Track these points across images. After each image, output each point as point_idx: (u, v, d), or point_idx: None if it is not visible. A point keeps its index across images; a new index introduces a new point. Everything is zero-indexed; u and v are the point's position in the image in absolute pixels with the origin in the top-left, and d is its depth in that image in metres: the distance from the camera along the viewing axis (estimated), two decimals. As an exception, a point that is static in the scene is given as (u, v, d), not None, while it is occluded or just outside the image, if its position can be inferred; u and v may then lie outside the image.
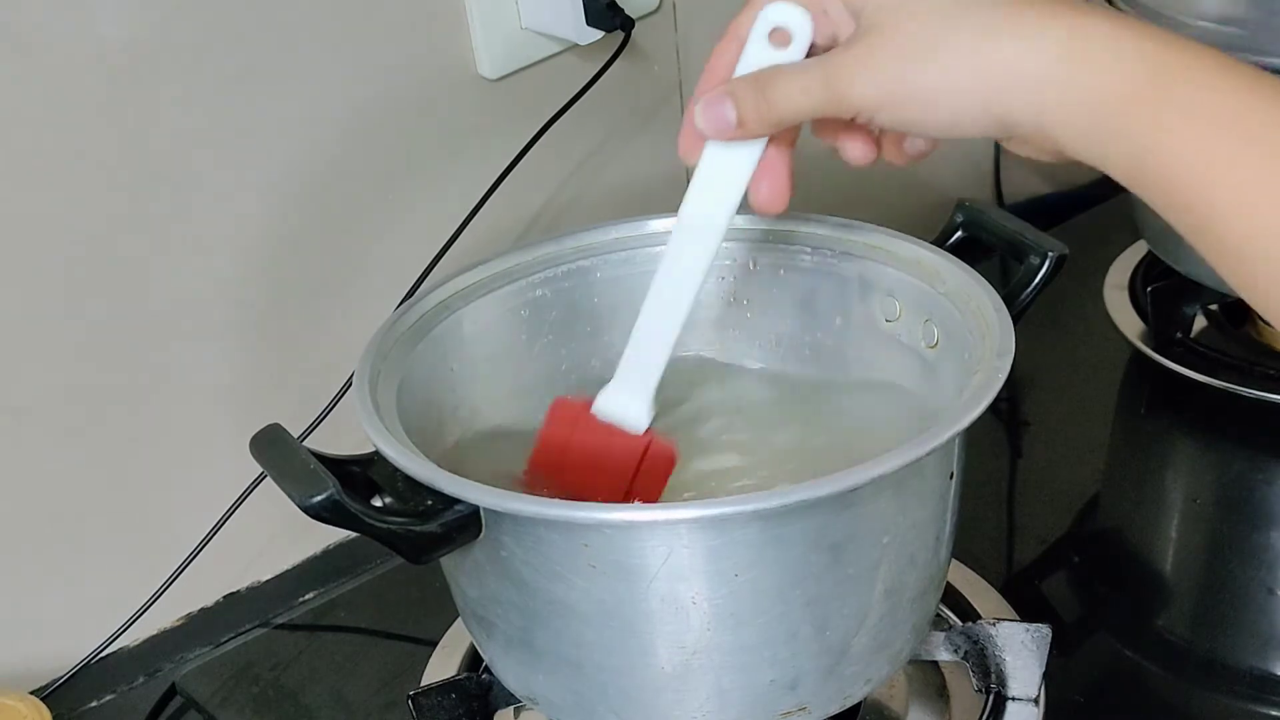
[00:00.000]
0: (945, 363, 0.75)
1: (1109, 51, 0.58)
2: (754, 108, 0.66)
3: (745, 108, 0.66)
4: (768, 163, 0.69)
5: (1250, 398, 1.00)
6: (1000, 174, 1.26)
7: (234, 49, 0.86)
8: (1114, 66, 0.58)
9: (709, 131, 0.67)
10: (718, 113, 0.66)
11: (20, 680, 0.87)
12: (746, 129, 0.66)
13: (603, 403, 0.73)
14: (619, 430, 0.73)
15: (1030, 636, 0.78)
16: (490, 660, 0.75)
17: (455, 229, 0.91)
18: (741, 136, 0.67)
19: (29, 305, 0.84)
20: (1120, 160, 0.59)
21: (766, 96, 0.65)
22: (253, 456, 0.67)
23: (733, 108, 0.66)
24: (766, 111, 0.65)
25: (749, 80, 0.66)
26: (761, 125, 0.66)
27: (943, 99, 0.61)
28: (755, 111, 0.66)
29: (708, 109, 0.67)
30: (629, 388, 0.73)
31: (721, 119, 0.66)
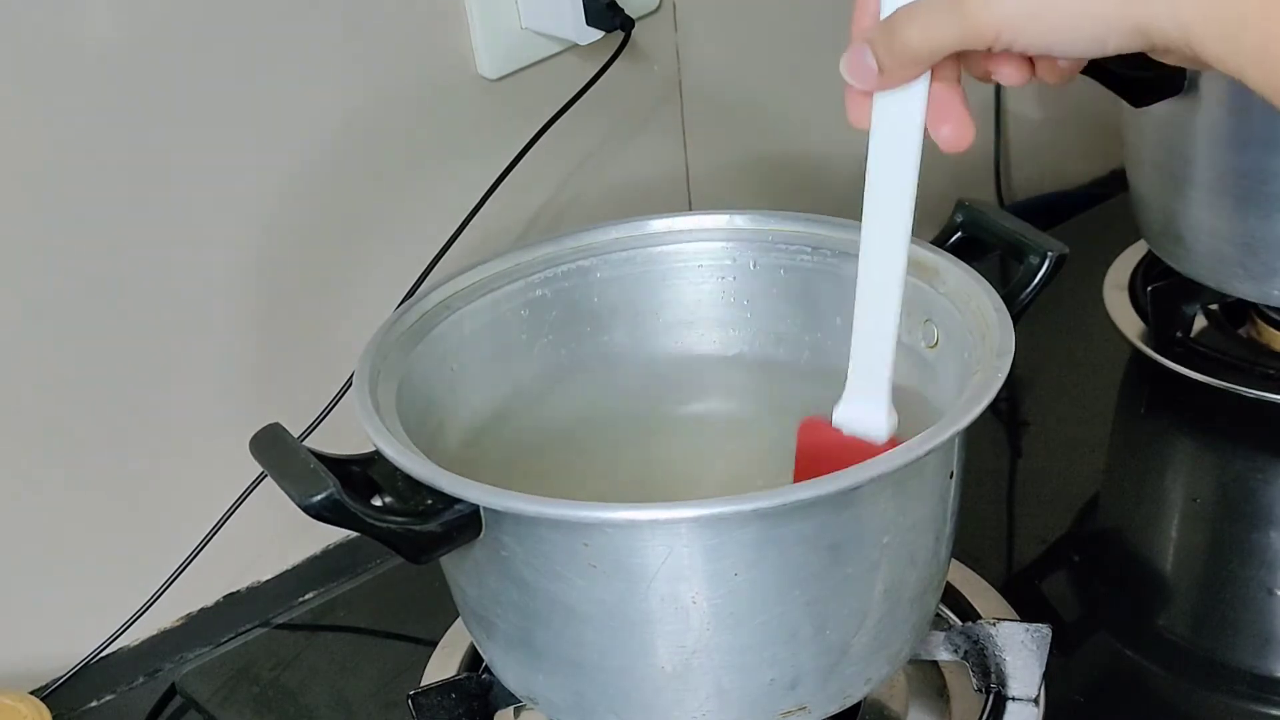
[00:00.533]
0: (945, 363, 0.75)
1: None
2: (889, 52, 0.64)
3: (882, 53, 0.64)
4: (940, 102, 0.66)
5: (1250, 398, 1.00)
6: (1000, 174, 1.26)
7: (234, 49, 0.86)
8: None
9: (858, 83, 0.65)
10: (858, 63, 0.65)
11: (20, 680, 0.87)
12: (890, 75, 0.65)
13: (842, 416, 0.72)
14: (865, 442, 0.72)
15: (1030, 636, 0.78)
16: (490, 660, 0.75)
17: (455, 229, 0.91)
18: (889, 84, 0.65)
19: (29, 305, 0.84)
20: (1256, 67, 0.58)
21: (899, 38, 0.63)
22: (253, 456, 0.67)
23: (871, 56, 0.64)
24: (903, 53, 0.64)
25: (883, 25, 0.64)
26: (903, 69, 0.64)
27: (1085, 14, 0.60)
28: (892, 56, 0.64)
29: (849, 61, 0.65)
30: (863, 394, 0.71)
31: (864, 69, 0.65)
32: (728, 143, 1.09)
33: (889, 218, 0.68)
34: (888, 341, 0.70)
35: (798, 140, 1.13)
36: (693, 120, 1.07)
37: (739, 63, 1.09)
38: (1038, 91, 1.25)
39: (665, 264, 0.83)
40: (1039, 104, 1.27)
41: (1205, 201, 1.00)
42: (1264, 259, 0.99)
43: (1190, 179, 1.00)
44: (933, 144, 0.68)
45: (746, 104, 1.10)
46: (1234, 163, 0.98)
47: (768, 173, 1.12)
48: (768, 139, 1.12)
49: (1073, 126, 1.28)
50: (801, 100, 1.11)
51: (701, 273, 0.83)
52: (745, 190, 1.11)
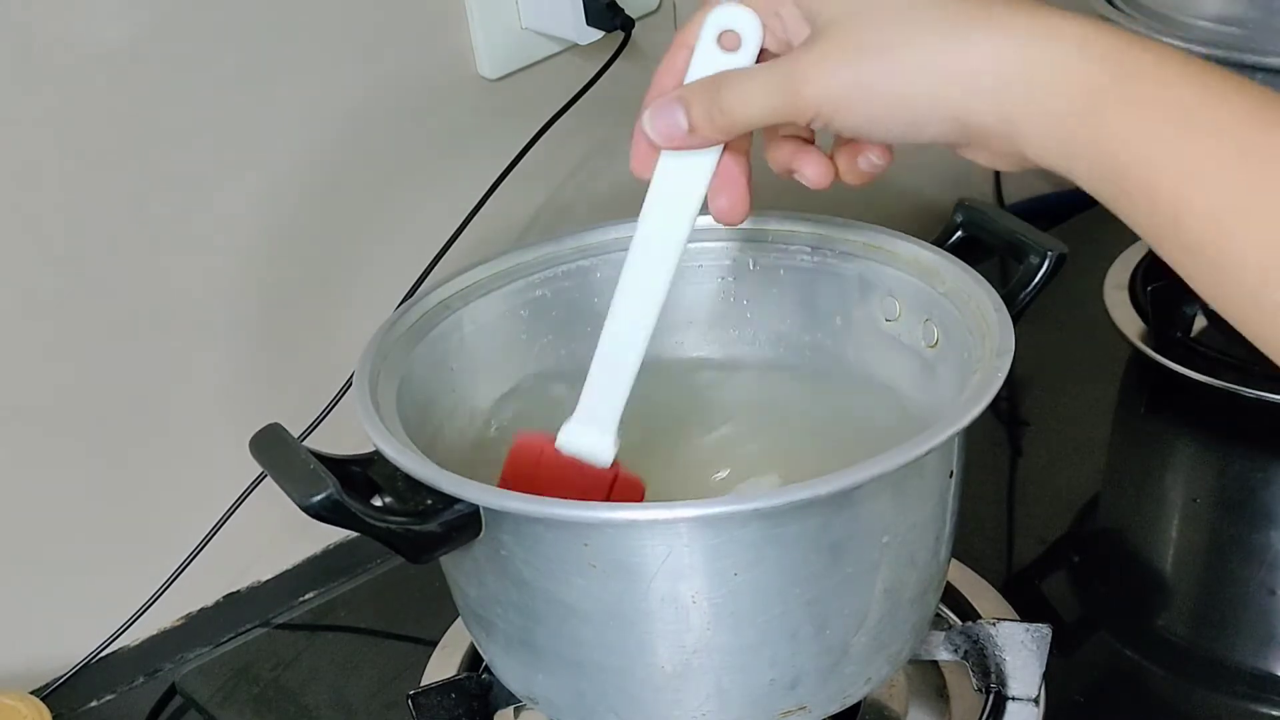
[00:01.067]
0: (945, 363, 0.75)
1: (1075, 50, 0.57)
2: (705, 112, 0.63)
3: (696, 113, 0.63)
4: (724, 173, 0.67)
5: (1250, 398, 1.00)
6: (1000, 174, 1.26)
7: (234, 49, 0.86)
8: (1080, 65, 0.57)
9: (659, 139, 0.65)
10: (668, 119, 0.64)
11: (20, 680, 0.87)
12: (698, 135, 0.64)
13: (566, 438, 0.71)
14: (585, 465, 0.71)
15: (1030, 636, 0.78)
16: (490, 660, 0.75)
17: (455, 229, 0.91)
18: (693, 144, 0.65)
19: (29, 305, 0.84)
20: (1086, 161, 0.57)
21: (719, 100, 0.63)
22: (253, 456, 0.67)
23: (684, 114, 0.64)
24: (719, 116, 0.63)
25: (700, 84, 0.64)
26: (714, 131, 0.64)
27: (904, 100, 0.59)
28: (707, 116, 0.63)
29: (657, 116, 0.64)
30: (592, 420, 0.71)
31: (672, 125, 0.64)
32: (728, 143, 1.09)
33: (654, 268, 0.68)
34: (628, 377, 0.70)
35: (798, 140, 1.12)
36: (693, 120, 1.06)
37: (739, 63, 1.08)
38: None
39: (665, 264, 0.83)
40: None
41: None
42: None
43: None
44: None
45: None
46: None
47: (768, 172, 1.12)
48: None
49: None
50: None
51: (701, 273, 0.83)
52: (745, 190, 1.10)
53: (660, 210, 0.68)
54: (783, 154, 0.67)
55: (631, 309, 0.69)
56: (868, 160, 0.67)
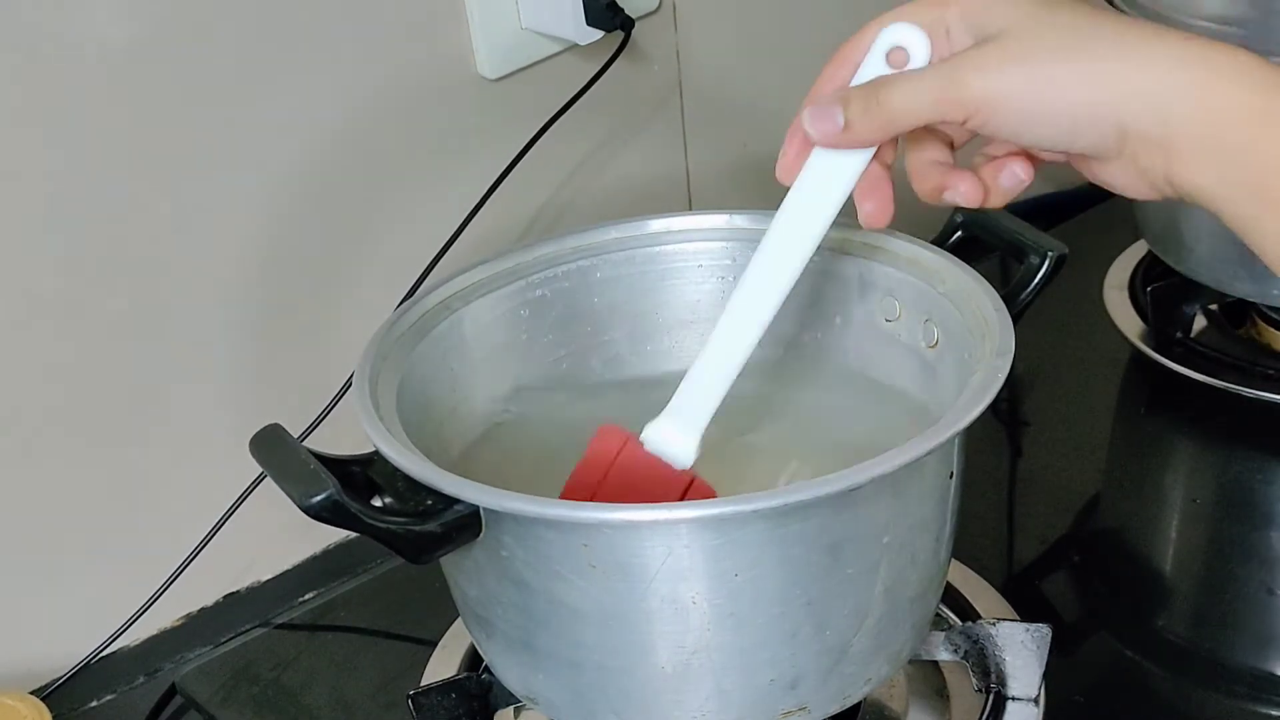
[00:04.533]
0: (945, 363, 0.75)
1: (1238, 76, 0.60)
2: (864, 110, 0.65)
3: (854, 111, 0.65)
4: (870, 180, 0.68)
5: (1250, 398, 1.00)
6: (1000, 174, 1.26)
7: (234, 49, 0.86)
8: (1242, 91, 0.59)
9: (816, 136, 0.66)
10: (825, 115, 0.65)
11: (20, 680, 0.87)
12: (854, 132, 0.65)
13: (651, 434, 0.72)
14: (663, 464, 0.71)
15: (1030, 636, 0.78)
16: (490, 660, 0.75)
17: (455, 229, 0.91)
18: (849, 142, 0.66)
19: (29, 305, 0.84)
20: (1240, 184, 0.60)
21: (879, 98, 0.64)
22: (253, 456, 0.67)
23: (841, 112, 0.65)
24: (878, 113, 0.64)
25: (862, 87, 0.66)
26: (871, 128, 0.65)
27: (1068, 105, 0.61)
28: (865, 114, 0.65)
29: (816, 113, 0.66)
30: (680, 421, 0.71)
31: (829, 121, 0.65)
32: (728, 143, 1.09)
33: (778, 270, 0.69)
34: (726, 382, 0.71)
35: (798, 140, 1.12)
36: (693, 120, 1.07)
37: (739, 63, 1.09)
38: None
39: (665, 264, 0.83)
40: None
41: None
42: (1264, 259, 0.99)
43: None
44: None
45: (746, 104, 1.09)
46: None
47: (768, 173, 1.12)
48: (768, 139, 1.11)
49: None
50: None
51: (701, 273, 0.83)
52: (745, 190, 1.11)
53: (801, 209, 0.69)
54: (932, 176, 0.68)
55: (751, 308, 0.70)
56: (1012, 175, 0.68)
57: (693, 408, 0.71)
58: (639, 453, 0.72)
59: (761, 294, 0.70)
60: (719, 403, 0.71)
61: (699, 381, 0.71)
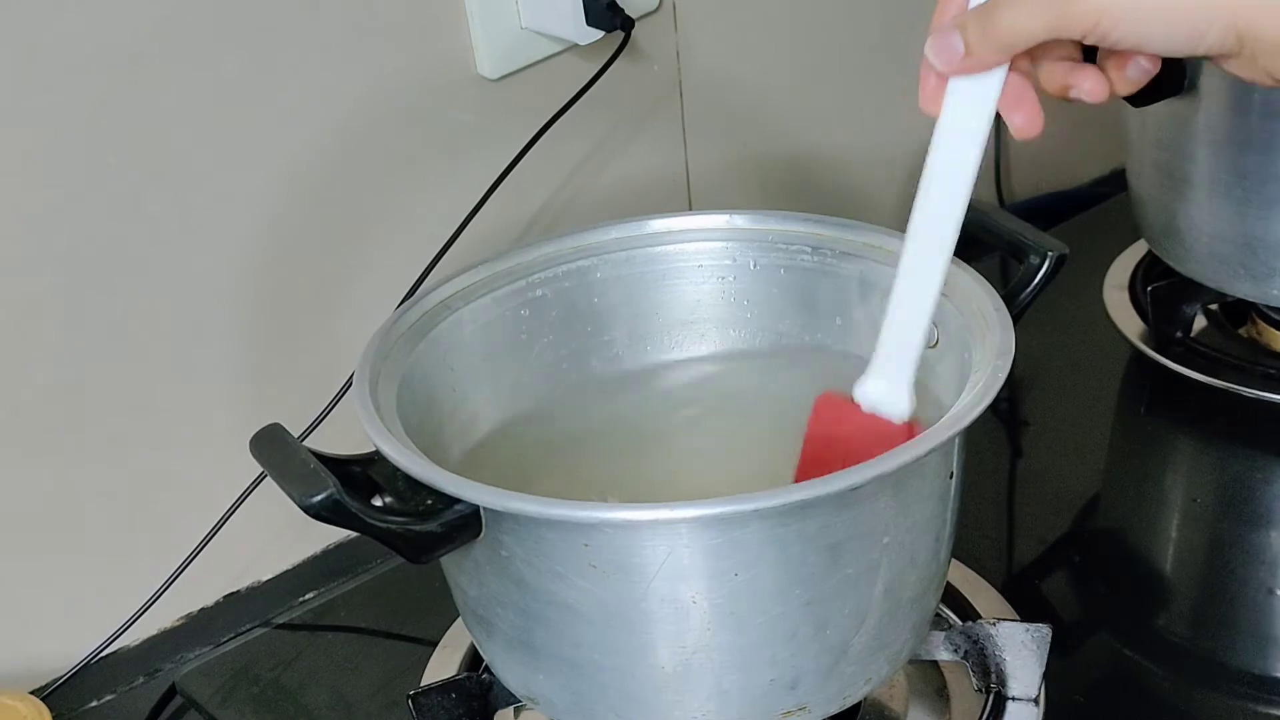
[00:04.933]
0: (945, 363, 0.75)
1: None
2: (981, 34, 0.65)
3: (972, 35, 0.65)
4: (1013, 93, 0.68)
5: (1250, 398, 1.00)
6: (1000, 174, 1.26)
7: (234, 49, 0.86)
8: None
9: (940, 65, 0.67)
10: (946, 44, 0.66)
11: (20, 680, 0.87)
12: (975, 57, 0.66)
13: (863, 392, 0.72)
14: (883, 419, 0.72)
15: (1030, 636, 0.78)
16: (490, 660, 0.75)
17: (455, 229, 0.91)
18: (972, 67, 0.66)
19: (29, 305, 0.84)
20: None
21: (993, 22, 0.65)
22: (253, 456, 0.67)
23: (959, 38, 0.66)
24: (994, 36, 0.65)
25: (975, 11, 0.66)
26: (991, 51, 0.66)
27: (1179, 10, 0.62)
28: (982, 38, 0.65)
29: (936, 42, 0.66)
30: (888, 373, 0.71)
31: (950, 49, 0.66)
32: (728, 143, 1.09)
33: (945, 202, 0.69)
34: (923, 321, 0.70)
35: (798, 140, 1.12)
36: (693, 120, 1.07)
37: (739, 63, 1.09)
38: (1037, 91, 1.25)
39: (665, 264, 0.83)
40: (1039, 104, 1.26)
41: (1205, 201, 1.00)
42: (1264, 259, 0.99)
43: (1190, 179, 1.00)
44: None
45: (746, 104, 1.10)
46: (1234, 163, 0.98)
47: (768, 173, 1.12)
48: (768, 139, 1.12)
49: (1073, 126, 1.28)
50: (802, 100, 1.11)
51: (701, 273, 0.83)
52: (745, 190, 1.11)
53: (951, 140, 0.68)
54: (1056, 74, 0.68)
55: (926, 248, 0.69)
56: (1138, 66, 0.67)
57: (895, 360, 0.71)
58: (859, 416, 0.72)
59: (935, 227, 0.69)
60: (921, 349, 0.71)
61: (895, 332, 0.71)
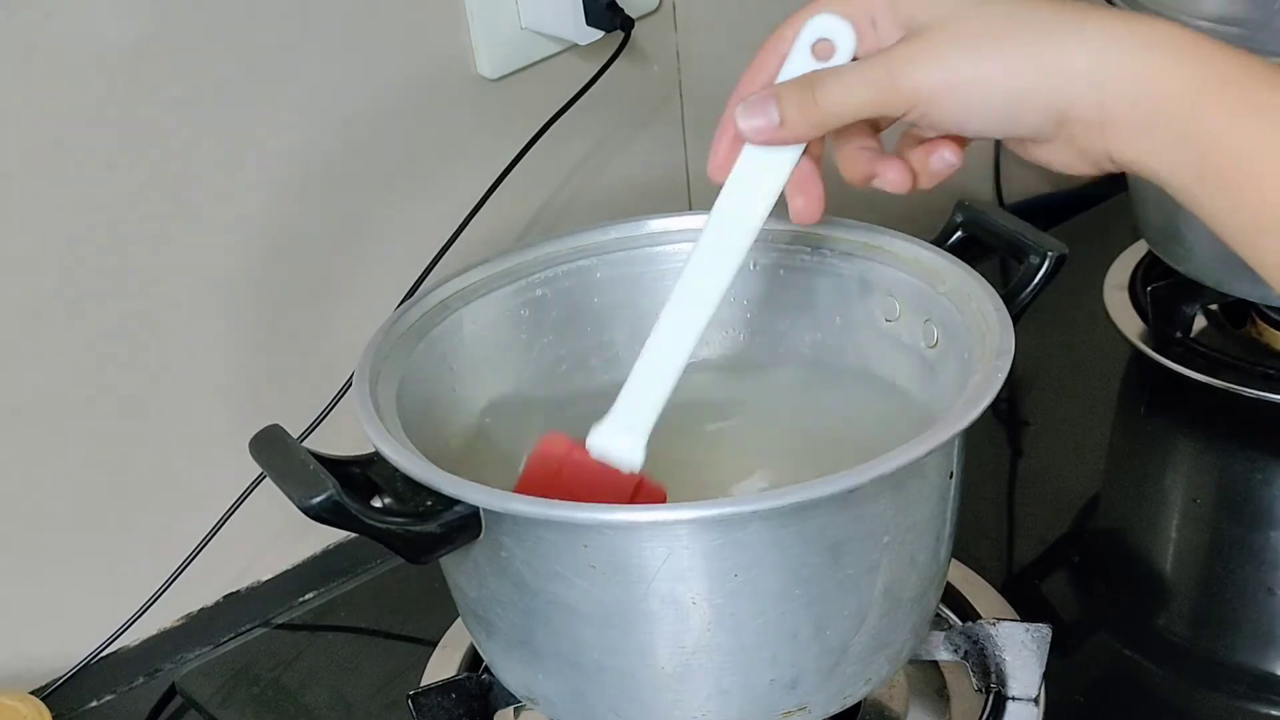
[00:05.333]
0: (945, 363, 0.75)
1: (1174, 51, 0.59)
2: (800, 106, 0.64)
3: (790, 107, 0.65)
4: (801, 175, 0.68)
5: (1250, 398, 1.00)
6: (1000, 174, 1.26)
7: (234, 49, 0.86)
8: (1179, 65, 0.59)
9: (750, 134, 0.66)
10: (759, 112, 0.65)
11: (20, 680, 0.87)
12: (789, 129, 0.65)
13: (596, 439, 0.70)
14: (609, 469, 0.70)
15: (1030, 636, 0.78)
16: (490, 660, 0.75)
17: (455, 229, 0.91)
18: (784, 139, 0.66)
19: (29, 305, 0.84)
20: (1180, 157, 0.60)
21: (815, 94, 0.64)
22: (253, 456, 0.67)
23: (776, 108, 0.65)
24: (813, 110, 0.64)
25: (796, 81, 0.65)
26: (806, 125, 0.65)
27: (1005, 91, 0.61)
28: (801, 110, 0.64)
29: (750, 109, 0.66)
30: (625, 424, 0.70)
31: (764, 118, 0.65)
32: (728, 143, 1.09)
33: (715, 268, 0.69)
34: (669, 382, 0.70)
35: (798, 140, 1.12)
36: (693, 120, 1.07)
37: (739, 63, 1.08)
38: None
39: (665, 264, 0.83)
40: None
41: (1205, 201, 1.00)
42: (1264, 259, 0.99)
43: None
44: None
45: (746, 104, 1.09)
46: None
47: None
48: (768, 139, 1.12)
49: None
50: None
51: (701, 273, 0.83)
52: (745, 190, 1.10)
53: (735, 208, 0.68)
54: (860, 163, 0.68)
55: (686, 310, 0.69)
56: (941, 159, 0.67)
57: (635, 411, 0.70)
58: (584, 460, 0.70)
59: (699, 294, 0.69)
60: (663, 405, 0.70)
61: (640, 385, 0.70)
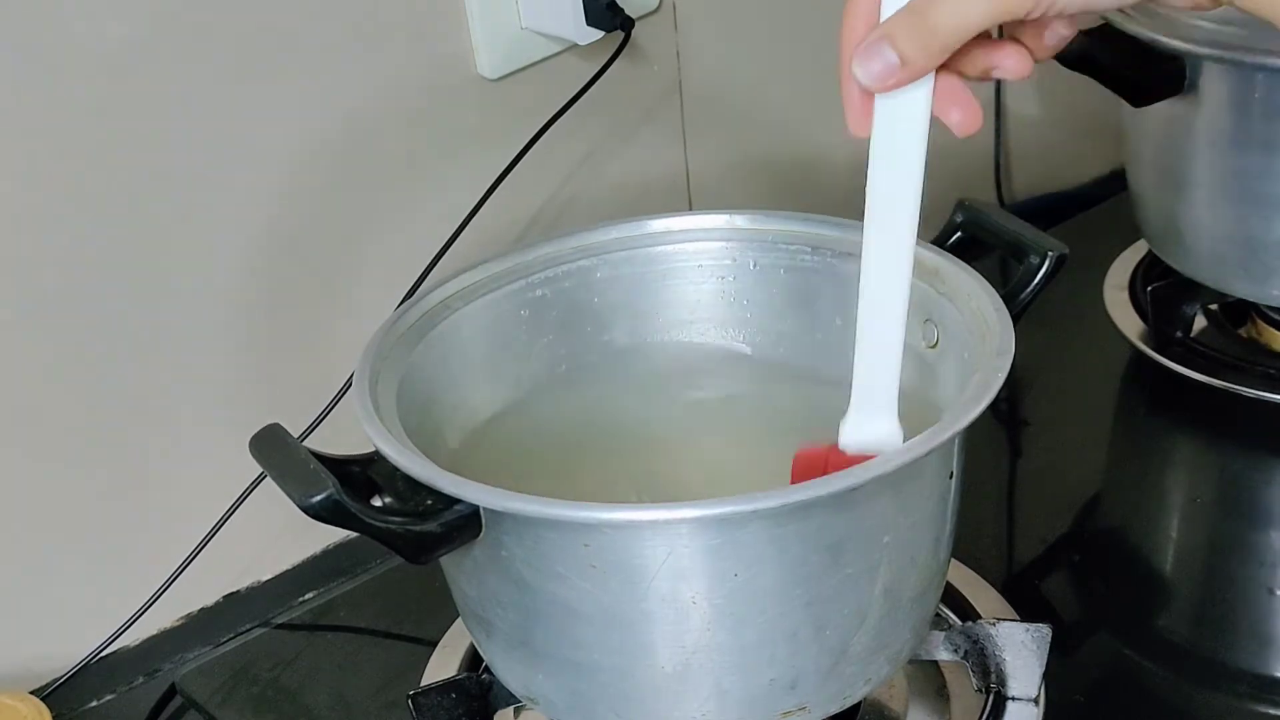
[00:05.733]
0: (945, 363, 0.75)
1: None
2: (916, 39, 0.60)
3: (905, 43, 0.60)
4: (945, 90, 0.63)
5: (1250, 398, 1.00)
6: (1000, 174, 1.26)
7: (234, 49, 0.86)
8: None
9: (873, 83, 0.61)
10: (877, 58, 0.61)
11: (20, 680, 0.87)
12: (913, 66, 0.61)
13: (849, 436, 0.68)
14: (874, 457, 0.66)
15: (1030, 636, 0.78)
16: (490, 660, 0.75)
17: (455, 229, 0.91)
18: (910, 78, 0.61)
19: (29, 305, 0.84)
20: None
21: (929, 22, 0.60)
22: (253, 456, 0.67)
23: (891, 48, 0.60)
24: (931, 39, 0.60)
25: (904, 13, 0.60)
26: (928, 56, 0.60)
27: None
28: (919, 42, 0.60)
29: (865, 58, 0.61)
30: (872, 407, 0.67)
31: (883, 63, 0.61)
32: (728, 143, 1.09)
33: (894, 222, 0.65)
34: (897, 347, 0.67)
35: (798, 140, 1.12)
36: (693, 120, 1.07)
37: (739, 63, 1.09)
38: (1038, 91, 1.25)
39: (665, 264, 0.83)
40: (1039, 104, 1.27)
41: (1205, 201, 1.00)
42: (1264, 259, 0.99)
43: (1190, 179, 1.00)
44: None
45: (746, 104, 1.09)
46: (1234, 163, 0.98)
47: (768, 173, 1.12)
48: (768, 139, 1.12)
49: (1073, 126, 1.28)
50: (802, 100, 1.11)
51: (701, 273, 0.83)
52: (745, 190, 1.11)
53: (890, 158, 0.64)
54: (977, 59, 0.64)
55: (885, 273, 0.65)
56: (1055, 34, 0.64)
57: (876, 392, 0.67)
58: (846, 460, 0.67)
59: (892, 249, 0.65)
60: (898, 375, 0.67)
61: (869, 364, 0.67)
